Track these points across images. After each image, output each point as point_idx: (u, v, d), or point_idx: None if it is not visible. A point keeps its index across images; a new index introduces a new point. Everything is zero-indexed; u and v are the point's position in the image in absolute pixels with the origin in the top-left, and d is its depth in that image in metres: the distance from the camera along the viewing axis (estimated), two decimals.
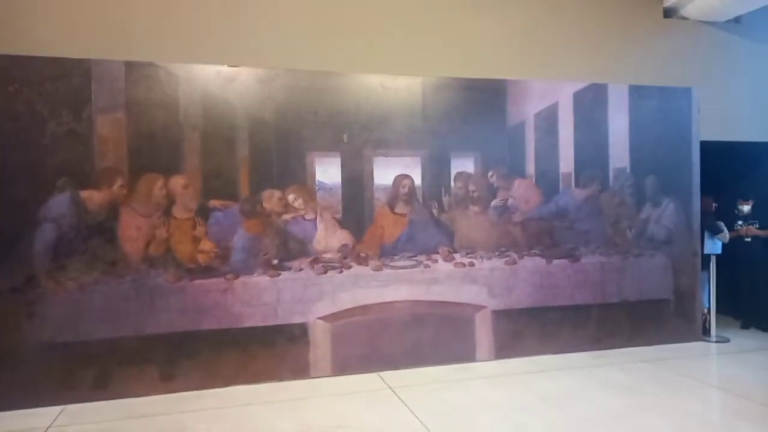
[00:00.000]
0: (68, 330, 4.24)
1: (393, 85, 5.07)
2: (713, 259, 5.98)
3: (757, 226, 6.32)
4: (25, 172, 4.18)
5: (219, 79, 4.64)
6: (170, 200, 4.51)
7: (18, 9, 4.43)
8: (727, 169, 6.78)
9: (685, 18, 6.06)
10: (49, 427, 3.82)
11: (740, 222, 6.38)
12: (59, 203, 4.23)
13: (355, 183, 4.99)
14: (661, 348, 5.53)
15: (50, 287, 4.21)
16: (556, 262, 5.45)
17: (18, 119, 4.18)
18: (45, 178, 4.21)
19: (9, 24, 4.40)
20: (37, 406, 4.11)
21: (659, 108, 5.75)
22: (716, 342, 5.77)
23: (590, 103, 5.60)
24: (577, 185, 5.56)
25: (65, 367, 4.23)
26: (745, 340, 5.89)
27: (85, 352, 4.27)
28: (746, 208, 6.38)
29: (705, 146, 5.87)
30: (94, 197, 4.32)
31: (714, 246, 5.97)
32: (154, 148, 4.47)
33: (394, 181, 5.10)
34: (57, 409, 4.12)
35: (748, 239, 6.32)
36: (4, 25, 4.39)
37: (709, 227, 5.95)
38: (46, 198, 4.21)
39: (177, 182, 4.53)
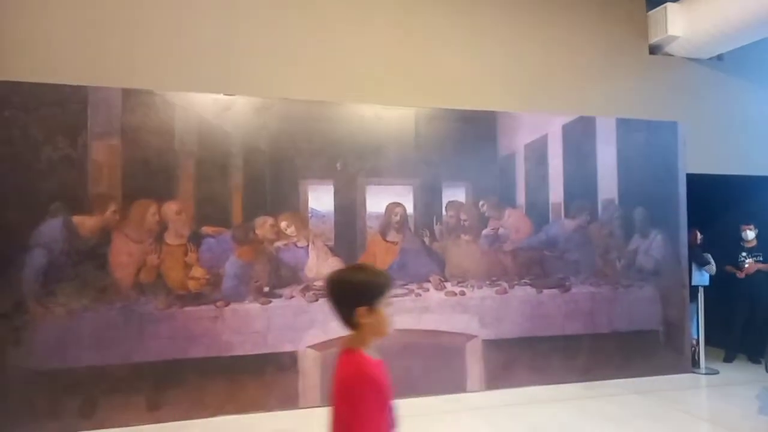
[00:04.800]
0: (55, 357, 4.18)
1: (387, 115, 5.16)
2: (701, 291, 6.04)
3: (761, 259, 6.18)
4: (18, 197, 4.18)
5: (215, 108, 4.70)
6: (163, 226, 4.51)
7: (16, 36, 4.49)
8: (729, 199, 6.83)
9: (670, 55, 6.26)
10: None
11: (744, 254, 6.27)
12: (51, 228, 4.22)
13: (348, 211, 5.03)
14: (651, 380, 5.53)
15: (38, 313, 4.16)
16: (546, 291, 5.48)
17: (13, 144, 4.21)
18: (38, 203, 4.21)
19: (7, 50, 4.45)
20: None
21: (646, 141, 5.88)
22: (705, 374, 5.78)
23: (579, 136, 5.71)
24: (566, 216, 5.64)
25: (50, 395, 4.16)
26: (733, 372, 5.91)
27: (72, 380, 4.20)
28: (750, 234, 6.25)
29: (696, 179, 5.99)
30: (86, 222, 4.32)
31: (701, 278, 6.01)
32: (149, 175, 4.49)
33: (386, 210, 5.14)
34: None
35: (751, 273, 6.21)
36: (2, 52, 4.44)
37: (696, 259, 6.02)
38: (38, 223, 4.20)
39: (170, 208, 4.54)
